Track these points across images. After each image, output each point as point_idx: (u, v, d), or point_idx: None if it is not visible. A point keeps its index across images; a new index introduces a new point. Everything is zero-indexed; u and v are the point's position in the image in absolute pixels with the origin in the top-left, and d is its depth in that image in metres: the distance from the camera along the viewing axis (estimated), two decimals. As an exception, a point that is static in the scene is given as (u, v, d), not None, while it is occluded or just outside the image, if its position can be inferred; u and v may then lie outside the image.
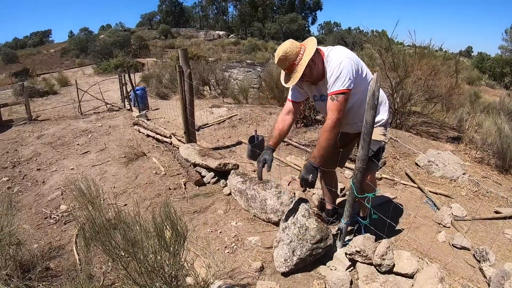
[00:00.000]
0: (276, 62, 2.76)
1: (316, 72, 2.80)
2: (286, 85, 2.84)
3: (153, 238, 2.30)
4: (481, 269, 3.15)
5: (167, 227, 2.33)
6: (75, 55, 34.05)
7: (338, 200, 4.05)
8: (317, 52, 2.79)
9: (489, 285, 2.91)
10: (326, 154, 2.71)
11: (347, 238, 3.17)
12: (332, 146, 2.77)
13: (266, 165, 3.07)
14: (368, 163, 2.78)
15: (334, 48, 2.85)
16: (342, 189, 4.52)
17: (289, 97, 3.23)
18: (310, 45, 2.75)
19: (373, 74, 2.51)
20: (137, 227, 2.33)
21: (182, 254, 2.38)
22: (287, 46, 2.69)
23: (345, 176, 4.97)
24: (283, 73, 2.89)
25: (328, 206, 3.77)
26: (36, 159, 5.90)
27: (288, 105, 3.23)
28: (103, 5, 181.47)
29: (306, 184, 2.73)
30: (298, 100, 3.21)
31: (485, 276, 3.05)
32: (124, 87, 10.52)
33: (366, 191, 3.04)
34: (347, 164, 5.10)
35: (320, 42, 3.24)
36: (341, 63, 2.66)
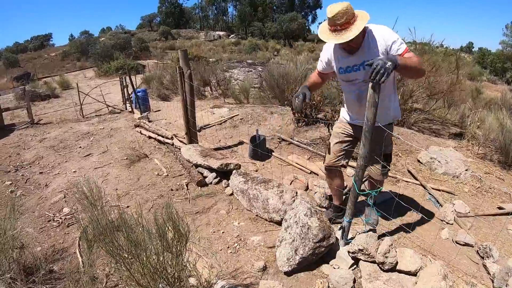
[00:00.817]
0: (333, 14, 2.65)
1: (358, 41, 2.81)
2: (333, 41, 2.81)
3: (155, 239, 2.30)
4: (484, 266, 3.14)
5: (169, 228, 2.33)
6: (76, 58, 34.06)
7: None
8: None
9: (493, 282, 2.90)
10: (408, 68, 2.65)
11: (350, 236, 3.16)
12: (416, 73, 2.83)
13: (307, 97, 3.17)
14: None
15: (373, 24, 2.93)
16: (345, 187, 4.51)
17: (318, 68, 3.36)
18: (364, 15, 2.77)
19: None
20: (140, 228, 2.33)
21: (185, 255, 2.38)
22: (347, 3, 2.67)
23: (348, 175, 4.96)
24: (325, 30, 2.85)
25: (336, 202, 3.78)
26: (39, 163, 5.90)
27: (315, 75, 3.43)
28: (103, 8, 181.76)
29: (384, 68, 2.41)
30: (325, 72, 3.34)
31: (489, 273, 3.04)
32: (125, 89, 10.52)
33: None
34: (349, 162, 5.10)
35: (320, 40, 3.28)
36: (387, 29, 2.85)
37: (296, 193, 3.80)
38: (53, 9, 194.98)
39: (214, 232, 3.58)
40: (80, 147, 6.53)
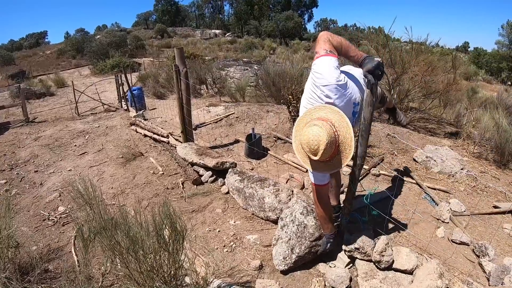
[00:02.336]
0: (319, 156, 2.28)
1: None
2: (331, 171, 2.51)
3: (153, 237, 2.30)
4: (480, 264, 3.15)
5: (166, 226, 2.32)
6: (72, 56, 33.88)
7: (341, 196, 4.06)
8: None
9: (488, 280, 2.91)
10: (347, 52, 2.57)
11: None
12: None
13: None
14: None
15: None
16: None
17: (324, 181, 2.84)
18: (333, 114, 2.40)
19: None
20: (137, 227, 2.32)
21: (181, 254, 2.37)
22: (326, 131, 2.26)
23: (343, 173, 4.96)
24: (312, 164, 2.51)
25: (333, 202, 3.77)
26: (34, 161, 5.87)
27: (321, 189, 2.87)
28: (99, 6, 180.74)
29: (380, 67, 2.38)
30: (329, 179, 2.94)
31: (484, 271, 3.05)
32: (120, 87, 10.47)
33: None
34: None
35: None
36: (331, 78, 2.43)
37: (292, 191, 3.79)
38: (48, 6, 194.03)
39: (210, 230, 3.57)
40: (75, 145, 6.50)
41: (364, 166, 4.47)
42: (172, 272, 2.34)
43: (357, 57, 2.52)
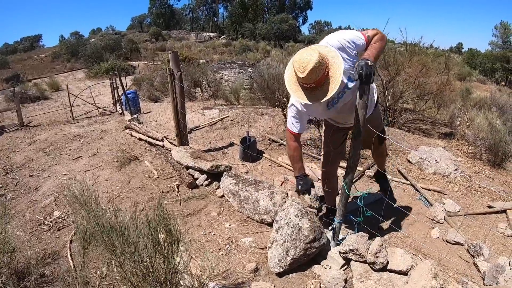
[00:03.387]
0: (305, 74, 2.35)
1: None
2: (316, 102, 2.54)
3: (148, 240, 2.30)
4: (475, 264, 3.17)
5: (161, 229, 2.33)
6: (66, 60, 33.78)
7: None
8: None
9: (483, 280, 2.93)
10: (379, 56, 2.61)
11: (341, 236, 3.17)
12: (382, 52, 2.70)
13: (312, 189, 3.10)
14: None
15: (326, 40, 2.67)
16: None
17: (294, 130, 2.97)
18: (330, 53, 2.50)
19: None
20: (134, 230, 2.32)
21: (176, 257, 2.37)
22: (316, 54, 2.35)
23: (339, 175, 4.97)
24: (297, 89, 2.58)
25: (330, 206, 3.83)
26: (29, 166, 5.86)
27: (292, 136, 3.01)
28: (94, 9, 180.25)
29: (368, 68, 2.36)
30: (301, 131, 3.02)
31: (479, 271, 3.07)
32: (115, 91, 10.47)
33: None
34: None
35: (311, 41, 3.25)
36: (337, 37, 2.63)
37: (287, 194, 3.80)
38: (43, 10, 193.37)
39: (205, 234, 3.57)
40: (70, 149, 6.49)
41: (359, 168, 4.49)
42: (167, 275, 2.34)
43: (365, 55, 2.53)
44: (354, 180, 4.55)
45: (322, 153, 3.62)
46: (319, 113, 3.07)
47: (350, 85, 2.73)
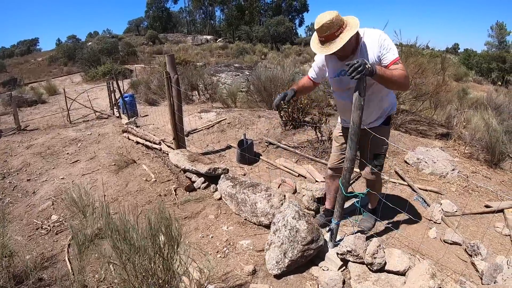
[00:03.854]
0: (318, 26, 2.68)
1: (348, 48, 2.80)
2: (320, 53, 2.84)
3: (149, 242, 2.31)
4: (473, 263, 3.18)
5: (162, 231, 2.33)
6: (63, 63, 33.77)
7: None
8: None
9: (481, 279, 2.93)
10: (388, 81, 2.67)
11: (338, 238, 3.18)
12: (394, 85, 2.79)
13: (286, 97, 3.24)
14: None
15: (368, 28, 2.93)
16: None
17: (310, 74, 3.37)
18: (353, 23, 2.74)
19: None
20: (135, 233, 2.33)
21: (176, 259, 2.38)
22: (335, 15, 2.65)
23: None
24: (315, 40, 2.87)
25: (328, 206, 3.82)
26: (26, 170, 5.85)
27: (306, 79, 3.43)
28: (90, 12, 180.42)
29: (362, 67, 2.45)
30: (316, 80, 3.38)
31: (477, 270, 3.08)
32: (112, 94, 10.47)
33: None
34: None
35: (307, 44, 3.37)
36: (382, 35, 2.81)
37: (284, 196, 3.81)
38: (40, 13, 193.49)
39: (203, 236, 3.57)
40: (67, 153, 6.48)
41: (356, 169, 4.49)
42: (166, 277, 2.34)
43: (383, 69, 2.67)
44: (351, 182, 4.58)
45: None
46: (330, 71, 3.17)
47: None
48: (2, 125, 9.67)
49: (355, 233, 3.06)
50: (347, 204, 4.04)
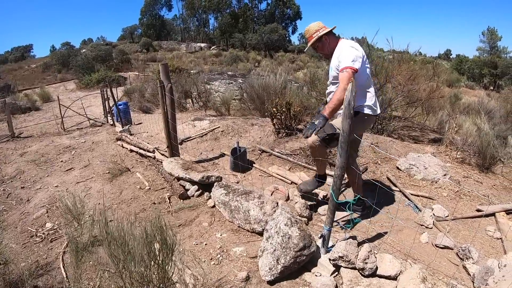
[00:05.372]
0: (307, 29, 3.73)
1: (327, 49, 3.74)
2: (306, 49, 4.23)
3: (144, 249, 2.33)
4: (464, 267, 3.21)
5: (157, 239, 2.36)
6: (57, 70, 33.73)
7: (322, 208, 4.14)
8: (334, 36, 3.74)
9: (473, 282, 2.97)
10: (335, 110, 3.38)
11: (330, 244, 3.21)
12: (339, 106, 3.31)
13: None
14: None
15: (348, 40, 3.74)
16: (324, 196, 4.53)
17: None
18: (328, 28, 3.68)
19: (349, 84, 2.58)
20: (131, 240, 2.35)
21: (170, 266, 2.40)
22: (312, 24, 3.71)
23: (327, 184, 5.02)
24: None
25: (320, 172, 4.19)
26: (20, 177, 5.84)
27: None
28: (85, 19, 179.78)
29: (312, 126, 3.32)
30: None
31: (469, 273, 3.11)
32: (106, 102, 10.47)
33: None
34: (329, 172, 5.19)
35: (301, 51, 4.05)
36: (349, 48, 3.50)
37: (277, 203, 3.83)
38: (34, 20, 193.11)
39: (197, 244, 3.59)
40: (61, 161, 6.48)
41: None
42: (161, 284, 2.36)
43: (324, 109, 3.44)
44: (343, 189, 4.62)
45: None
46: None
47: (331, 72, 3.74)
48: (-5, 133, 9.64)
49: (347, 239, 3.09)
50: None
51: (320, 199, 4.33)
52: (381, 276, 2.85)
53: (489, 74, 34.70)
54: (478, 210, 4.39)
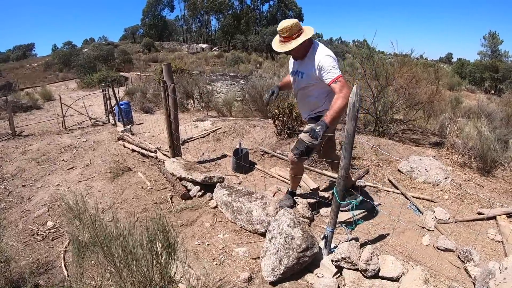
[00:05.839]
0: (280, 28, 3.42)
1: (301, 52, 3.55)
2: (277, 50, 3.55)
3: (146, 249, 2.33)
4: (466, 269, 3.21)
5: (159, 238, 2.36)
6: (59, 69, 33.80)
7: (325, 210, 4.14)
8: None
9: (474, 284, 2.97)
10: (337, 119, 3.30)
11: (333, 245, 3.22)
12: (341, 115, 3.32)
13: (274, 93, 4.08)
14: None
15: (320, 44, 3.58)
16: (326, 198, 4.53)
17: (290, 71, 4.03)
18: (308, 31, 3.48)
19: (354, 86, 2.59)
20: (131, 240, 2.35)
21: (173, 266, 2.40)
22: (295, 22, 3.40)
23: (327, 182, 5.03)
24: (276, 40, 3.60)
25: (294, 188, 4.27)
26: (21, 175, 5.84)
27: (288, 76, 4.16)
28: (87, 19, 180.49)
29: (313, 133, 3.10)
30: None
31: (470, 276, 3.11)
32: (108, 101, 10.48)
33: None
34: (327, 172, 5.21)
35: None
36: (329, 55, 3.41)
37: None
38: (36, 18, 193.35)
39: (199, 244, 3.59)
40: (63, 160, 6.48)
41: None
42: (163, 283, 2.37)
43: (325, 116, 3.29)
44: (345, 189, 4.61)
45: None
46: (290, 68, 3.98)
47: (304, 77, 3.66)
48: (-4, 131, 9.65)
49: (350, 240, 3.10)
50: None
51: (322, 200, 4.34)
52: (383, 278, 2.85)
53: (490, 78, 34.68)
54: (479, 213, 4.40)
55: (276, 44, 3.58)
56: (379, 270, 2.85)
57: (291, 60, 3.92)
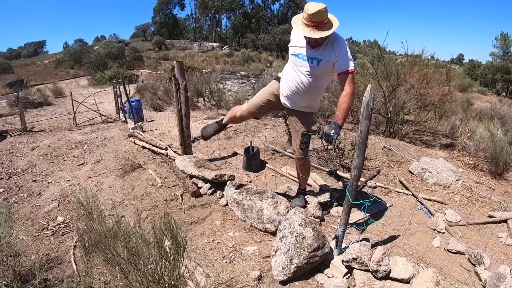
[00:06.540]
0: (313, 11, 3.07)
1: (323, 41, 3.31)
2: (308, 35, 3.19)
3: (153, 247, 2.33)
4: (476, 273, 3.19)
5: (167, 236, 2.36)
6: (70, 66, 33.99)
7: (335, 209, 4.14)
8: None
9: (484, 288, 2.96)
10: (347, 116, 3.31)
11: (344, 245, 3.21)
12: (351, 103, 3.30)
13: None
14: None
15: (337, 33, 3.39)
16: (338, 198, 4.52)
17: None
18: (335, 19, 3.28)
19: (368, 85, 2.58)
20: (139, 238, 2.36)
21: (182, 264, 2.41)
22: (325, 6, 3.11)
23: (340, 186, 5.01)
24: (300, 23, 3.27)
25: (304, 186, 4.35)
26: (32, 171, 5.89)
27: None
28: (98, 17, 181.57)
29: (328, 138, 3.09)
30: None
31: (480, 279, 3.09)
32: (118, 98, 10.52)
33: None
34: (339, 173, 5.20)
35: None
36: (346, 46, 3.31)
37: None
38: (47, 16, 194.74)
39: (209, 242, 3.60)
40: (73, 155, 6.52)
41: (361, 178, 4.53)
42: (172, 282, 2.37)
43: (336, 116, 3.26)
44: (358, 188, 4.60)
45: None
46: (297, 49, 3.59)
47: (320, 64, 3.39)
48: (8, 126, 9.72)
49: (361, 241, 3.09)
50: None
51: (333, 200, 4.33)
52: (394, 279, 2.84)
53: (502, 80, 34.37)
54: (491, 216, 4.37)
55: (302, 27, 3.23)
56: (390, 271, 2.84)
57: (299, 43, 3.53)
